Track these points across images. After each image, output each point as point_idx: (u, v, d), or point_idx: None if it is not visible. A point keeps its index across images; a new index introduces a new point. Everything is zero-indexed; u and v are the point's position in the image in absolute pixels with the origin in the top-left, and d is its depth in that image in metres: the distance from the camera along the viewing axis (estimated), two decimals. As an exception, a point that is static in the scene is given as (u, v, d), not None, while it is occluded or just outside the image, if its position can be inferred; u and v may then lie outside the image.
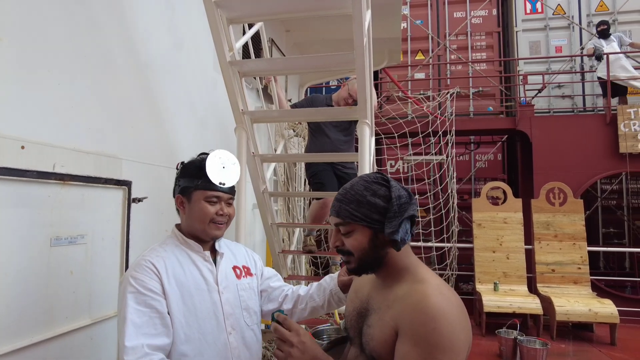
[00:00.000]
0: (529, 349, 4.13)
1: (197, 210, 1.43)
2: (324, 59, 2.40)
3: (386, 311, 1.09)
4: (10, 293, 1.50)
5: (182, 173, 1.49)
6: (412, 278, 1.10)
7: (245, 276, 1.58)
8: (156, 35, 2.56)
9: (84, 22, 1.95)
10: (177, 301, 1.35)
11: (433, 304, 0.99)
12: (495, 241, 5.70)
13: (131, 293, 1.28)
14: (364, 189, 1.11)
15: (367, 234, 1.10)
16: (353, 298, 1.27)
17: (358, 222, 1.09)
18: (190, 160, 1.52)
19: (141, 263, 1.35)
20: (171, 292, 1.35)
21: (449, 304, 1.00)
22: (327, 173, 3.49)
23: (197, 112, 3.06)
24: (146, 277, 1.32)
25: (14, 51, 1.58)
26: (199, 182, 1.43)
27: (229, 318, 1.46)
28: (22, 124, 1.60)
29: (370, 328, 1.11)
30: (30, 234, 1.58)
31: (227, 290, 1.48)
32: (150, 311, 1.29)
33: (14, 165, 1.52)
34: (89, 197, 1.87)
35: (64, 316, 1.74)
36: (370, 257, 1.12)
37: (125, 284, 1.31)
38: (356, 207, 1.09)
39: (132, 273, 1.33)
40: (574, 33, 8.07)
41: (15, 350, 1.49)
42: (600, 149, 6.27)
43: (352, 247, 1.11)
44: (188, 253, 1.46)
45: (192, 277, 1.41)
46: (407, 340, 0.99)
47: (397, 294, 1.09)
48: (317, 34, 5.10)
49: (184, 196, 1.46)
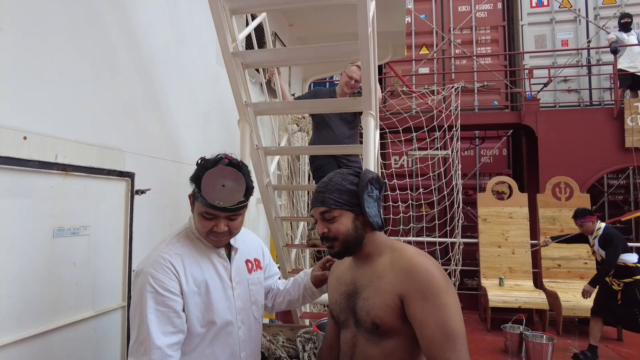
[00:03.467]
0: (535, 344, 4.11)
1: (197, 219, 1.41)
2: (328, 49, 2.37)
3: (379, 281, 1.23)
4: (14, 284, 1.49)
5: (194, 174, 1.38)
6: (390, 249, 1.28)
7: (256, 269, 1.60)
8: (158, 28, 2.54)
9: (85, 13, 1.93)
10: (194, 299, 1.37)
11: (420, 261, 1.18)
12: (501, 236, 5.67)
13: (150, 293, 1.29)
14: (341, 180, 1.28)
15: (350, 217, 1.27)
16: (337, 286, 1.39)
17: (342, 207, 1.26)
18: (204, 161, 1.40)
19: (160, 262, 1.34)
20: (189, 291, 1.36)
21: (429, 258, 1.21)
22: (331, 166, 3.46)
23: (199, 105, 3.04)
24: (165, 278, 1.32)
25: (15, 42, 1.56)
26: (200, 194, 1.34)
27: (240, 313, 1.49)
28: (23, 115, 1.59)
29: (367, 300, 1.23)
30: (33, 225, 1.57)
31: (239, 286, 1.50)
32: (168, 311, 1.31)
33: (16, 155, 1.50)
34: (91, 188, 1.85)
35: (68, 307, 1.73)
36: (353, 238, 1.27)
37: (144, 282, 1.30)
38: (339, 195, 1.26)
39: (151, 271, 1.32)
40: (581, 26, 7.97)
41: (19, 340, 1.48)
42: (607, 143, 6.20)
43: (337, 231, 1.26)
44: (204, 249, 1.45)
45: (209, 274, 1.42)
46: (417, 299, 1.14)
47: (384, 264, 1.25)
48: (321, 28, 5.06)
49: (191, 200, 1.44)
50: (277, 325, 3.03)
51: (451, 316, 1.11)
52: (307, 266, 4.46)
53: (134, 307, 1.32)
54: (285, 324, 3.25)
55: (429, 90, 7.22)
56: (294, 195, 4.64)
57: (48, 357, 1.62)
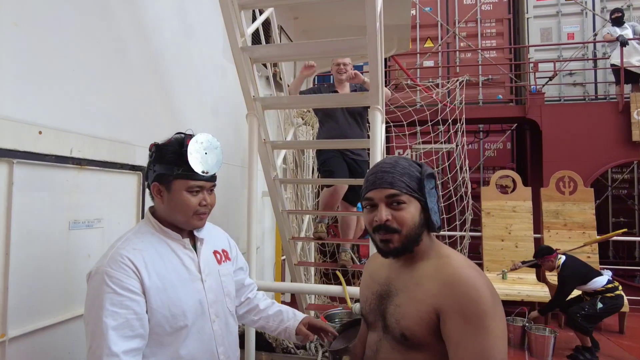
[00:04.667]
0: (537, 336, 4.15)
1: (178, 201, 1.30)
2: (336, 44, 2.39)
3: (416, 289, 1.08)
4: (33, 275, 1.54)
5: (157, 158, 1.31)
6: (436, 254, 1.11)
7: (225, 260, 1.52)
8: (167, 23, 2.56)
9: (97, 9, 1.96)
10: (160, 295, 1.26)
11: (468, 274, 1.01)
12: (504, 230, 5.69)
13: (107, 293, 1.17)
14: (409, 165, 1.11)
15: (418, 208, 1.10)
16: (370, 283, 1.25)
17: (412, 194, 1.08)
18: (166, 142, 1.34)
19: (116, 259, 1.22)
20: (153, 287, 1.25)
21: (479, 272, 1.03)
22: (336, 160, 3.49)
23: (207, 99, 3.07)
24: (123, 276, 1.20)
25: (30, 38, 1.59)
26: (179, 170, 1.28)
27: (213, 306, 1.40)
28: (38, 110, 1.62)
29: (399, 307, 1.09)
30: (50, 218, 1.61)
31: (209, 278, 1.41)
32: (127, 312, 1.18)
33: (33, 149, 1.54)
34: (105, 182, 1.89)
35: (83, 298, 1.76)
36: (415, 234, 1.09)
37: (100, 282, 1.18)
38: (409, 180, 1.09)
39: (106, 270, 1.20)
40: (587, 19, 7.91)
41: (38, 329, 1.54)
42: (612, 137, 6.19)
43: (403, 221, 1.08)
44: (166, 242, 1.35)
45: (174, 267, 1.32)
46: (456, 318, 0.98)
47: (425, 271, 1.09)
48: (325, 21, 5.06)
49: (162, 184, 1.31)
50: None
51: (493, 345, 0.95)
52: (311, 258, 4.51)
53: (88, 311, 1.20)
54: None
55: (434, 84, 7.21)
56: (299, 188, 4.68)
57: (65, 345, 1.67)
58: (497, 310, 0.99)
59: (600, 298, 4.03)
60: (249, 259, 2.45)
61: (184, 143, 1.30)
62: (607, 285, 4.06)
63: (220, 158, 1.37)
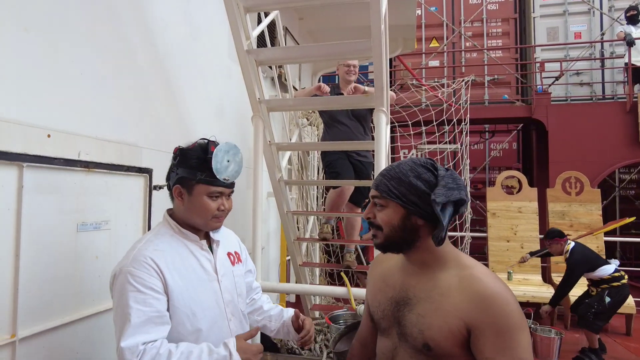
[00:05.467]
0: (543, 338, 4.13)
1: (198, 205, 1.37)
2: (341, 46, 2.40)
3: (441, 299, 1.07)
4: (42, 277, 1.56)
5: (181, 162, 1.38)
6: (457, 264, 1.11)
7: (237, 262, 1.58)
8: (173, 26, 2.58)
9: (104, 13, 1.98)
10: (182, 294, 1.32)
11: (498, 289, 1.02)
12: (510, 230, 5.67)
13: (131, 292, 1.23)
14: (409, 169, 1.12)
15: (400, 212, 1.11)
16: (382, 287, 1.24)
17: (393, 199, 1.11)
18: (190, 146, 1.40)
19: (139, 259, 1.28)
20: (176, 287, 1.31)
21: (505, 285, 1.05)
22: (342, 162, 3.50)
23: (213, 101, 3.09)
24: (146, 275, 1.26)
25: (39, 42, 1.62)
26: (202, 175, 1.35)
27: (229, 305, 1.46)
28: (46, 113, 1.64)
29: (422, 317, 1.09)
30: (58, 220, 1.64)
31: (225, 278, 1.47)
32: (150, 310, 1.24)
33: (42, 153, 1.56)
34: (112, 184, 1.92)
35: (91, 299, 1.80)
36: (398, 236, 1.12)
37: (124, 282, 1.25)
38: (396, 185, 1.11)
39: (130, 270, 1.26)
40: (594, 18, 7.84)
41: (48, 329, 1.56)
42: (620, 137, 6.15)
43: (382, 221, 1.13)
44: (185, 243, 1.41)
45: (192, 268, 1.38)
46: (489, 334, 1.00)
47: (449, 282, 1.08)
48: (330, 22, 5.06)
49: (184, 187, 1.38)
50: (288, 317, 3.09)
51: (524, 357, 0.99)
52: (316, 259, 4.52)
53: (116, 309, 1.26)
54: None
55: (439, 84, 7.19)
56: (304, 189, 4.69)
57: (73, 346, 1.70)
58: (524, 323, 1.02)
59: (607, 291, 4.00)
60: (254, 259, 2.46)
61: (208, 150, 1.37)
62: (614, 274, 4.04)
63: (240, 167, 1.44)
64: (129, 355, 1.17)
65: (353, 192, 3.54)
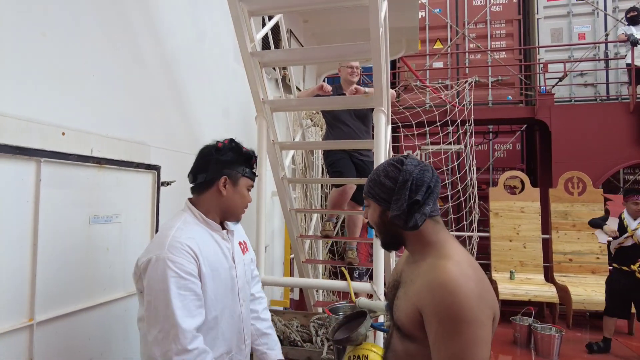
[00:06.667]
0: (544, 336, 4.18)
1: (239, 196, 1.54)
2: (341, 49, 2.48)
3: (410, 285, 1.14)
4: (57, 266, 1.66)
5: (234, 158, 1.54)
6: (437, 254, 1.12)
7: (246, 250, 1.72)
8: (180, 29, 2.68)
9: (116, 19, 2.09)
10: (210, 281, 1.42)
11: (450, 278, 1.01)
12: (512, 230, 5.71)
13: (173, 277, 1.30)
14: (381, 169, 1.20)
15: (378, 210, 1.20)
16: (392, 272, 1.34)
17: (370, 198, 1.21)
18: (235, 145, 1.58)
19: (176, 246, 1.35)
20: (207, 273, 1.41)
21: (466, 277, 1.02)
22: (344, 161, 3.58)
23: (219, 101, 3.19)
24: (185, 261, 1.34)
25: (56, 46, 1.72)
26: (246, 170, 1.56)
27: (242, 291, 1.59)
28: (61, 112, 1.75)
29: (398, 300, 1.17)
30: (72, 213, 1.74)
31: (239, 266, 1.59)
32: (190, 294, 1.33)
33: (57, 149, 1.66)
34: (122, 180, 2.02)
35: (102, 288, 1.90)
36: (384, 233, 1.22)
37: (164, 267, 1.31)
38: (372, 185, 1.21)
39: (168, 256, 1.32)
40: (598, 19, 7.86)
41: (62, 315, 1.66)
42: (623, 138, 6.16)
43: (369, 220, 1.23)
44: (209, 232, 1.51)
45: (217, 256, 1.48)
46: (433, 320, 1.02)
47: (422, 269, 1.12)
48: (335, 25, 5.15)
49: (230, 179, 1.52)
50: (291, 311, 3.18)
51: (466, 351, 0.97)
52: (320, 255, 4.60)
53: (155, 296, 1.30)
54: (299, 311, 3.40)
55: (443, 85, 7.25)
56: (307, 188, 4.77)
57: (86, 331, 1.80)
58: (476, 316, 0.98)
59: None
60: (258, 257, 2.55)
61: (252, 154, 1.61)
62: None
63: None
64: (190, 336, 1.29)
65: (355, 191, 3.62)
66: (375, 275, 2.44)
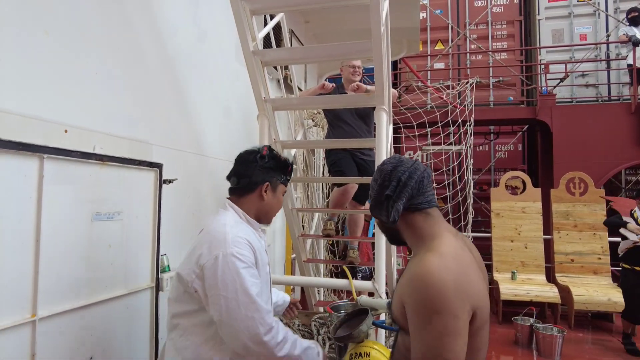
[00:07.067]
0: (545, 336, 4.17)
1: (277, 201, 1.68)
2: (342, 47, 2.49)
3: (401, 280, 1.17)
4: (59, 262, 1.66)
5: (276, 166, 1.67)
6: (426, 247, 1.13)
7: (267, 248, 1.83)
8: (182, 29, 2.69)
9: (118, 18, 2.10)
10: (260, 272, 1.56)
11: (427, 270, 1.03)
12: (514, 230, 5.70)
13: (244, 268, 1.43)
14: (379, 171, 1.26)
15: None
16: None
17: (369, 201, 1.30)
18: (274, 153, 1.68)
19: (238, 241, 1.47)
20: (259, 267, 1.55)
21: (445, 269, 1.02)
22: (346, 161, 3.58)
23: (220, 101, 3.20)
24: (248, 253, 1.47)
25: (58, 45, 1.73)
26: (284, 178, 1.69)
27: (270, 284, 1.75)
28: (64, 110, 1.76)
29: (395, 293, 1.20)
30: (75, 209, 1.75)
31: (268, 263, 1.73)
32: (258, 281, 1.48)
33: (60, 145, 1.67)
34: (124, 177, 2.02)
35: (104, 285, 1.91)
36: (382, 230, 1.30)
37: (234, 261, 1.41)
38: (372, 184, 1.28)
39: (234, 251, 1.43)
40: (600, 20, 7.86)
41: (65, 311, 1.67)
42: (625, 138, 6.15)
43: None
44: (251, 230, 1.62)
45: (260, 252, 1.59)
46: (410, 311, 1.05)
47: (412, 263, 1.15)
48: (336, 25, 5.15)
49: (271, 185, 1.65)
50: (293, 310, 3.18)
51: (436, 342, 0.98)
52: (321, 255, 4.60)
53: (232, 289, 1.38)
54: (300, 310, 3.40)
55: (444, 86, 7.25)
56: (309, 187, 4.78)
57: (87, 327, 1.80)
58: (447, 307, 0.99)
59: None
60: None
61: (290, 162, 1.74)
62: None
63: None
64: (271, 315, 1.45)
65: (357, 191, 3.62)
66: (376, 273, 2.44)
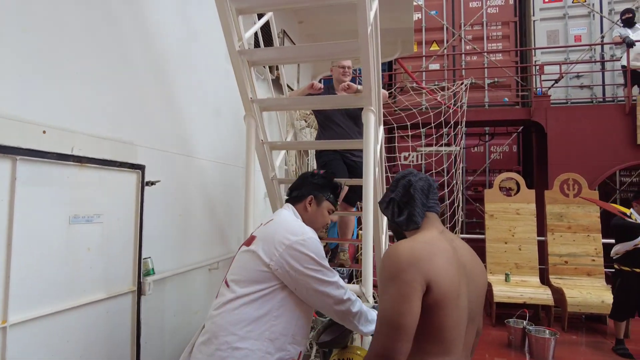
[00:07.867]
0: (538, 338, 4.14)
1: (320, 215, 1.83)
2: (329, 47, 2.45)
3: None
4: (33, 266, 1.62)
5: (323, 182, 1.86)
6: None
7: None
8: (170, 27, 2.65)
9: (101, 14, 2.06)
10: None
11: (391, 249, 1.24)
12: (508, 232, 5.67)
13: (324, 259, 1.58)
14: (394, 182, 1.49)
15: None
16: None
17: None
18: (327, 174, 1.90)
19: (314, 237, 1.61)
20: None
21: (407, 247, 1.23)
22: (336, 162, 3.54)
23: (209, 101, 3.16)
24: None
25: (37, 42, 1.69)
26: (331, 196, 1.87)
27: None
28: (43, 110, 1.72)
29: None
30: (51, 212, 1.70)
31: None
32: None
33: (37, 147, 1.63)
34: (105, 179, 1.98)
35: (82, 290, 1.86)
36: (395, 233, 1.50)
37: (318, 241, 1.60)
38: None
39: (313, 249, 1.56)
40: (594, 21, 7.86)
41: (39, 317, 1.62)
42: (619, 139, 6.14)
43: None
44: None
45: None
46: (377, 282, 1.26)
47: None
48: (330, 26, 5.12)
49: (316, 199, 1.82)
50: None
51: (385, 305, 1.18)
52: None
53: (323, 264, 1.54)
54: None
55: (439, 87, 7.23)
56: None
57: (64, 334, 1.76)
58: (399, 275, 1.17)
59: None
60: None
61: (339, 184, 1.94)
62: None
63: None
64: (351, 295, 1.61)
65: (347, 192, 3.58)
66: (363, 276, 2.40)
